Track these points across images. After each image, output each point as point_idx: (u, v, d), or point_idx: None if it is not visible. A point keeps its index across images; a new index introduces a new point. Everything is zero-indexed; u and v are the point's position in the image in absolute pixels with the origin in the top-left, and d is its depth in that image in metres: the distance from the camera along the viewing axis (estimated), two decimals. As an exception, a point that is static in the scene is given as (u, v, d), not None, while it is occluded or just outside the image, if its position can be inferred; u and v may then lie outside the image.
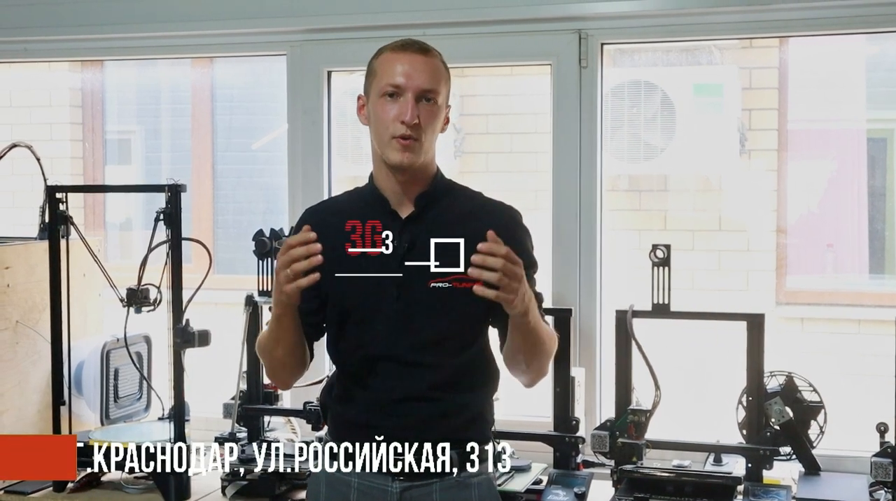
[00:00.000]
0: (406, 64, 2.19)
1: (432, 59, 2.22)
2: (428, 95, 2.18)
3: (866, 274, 4.42)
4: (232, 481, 2.99)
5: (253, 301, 3.17)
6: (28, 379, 3.16)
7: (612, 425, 2.89)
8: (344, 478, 2.27)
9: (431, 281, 2.19)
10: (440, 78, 2.22)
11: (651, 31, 3.29)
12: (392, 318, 2.21)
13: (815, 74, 4.30)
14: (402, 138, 2.17)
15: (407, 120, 2.15)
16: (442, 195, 2.28)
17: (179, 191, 2.97)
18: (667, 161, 4.27)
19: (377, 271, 2.21)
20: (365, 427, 2.24)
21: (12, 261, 3.10)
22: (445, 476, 2.24)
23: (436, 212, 2.25)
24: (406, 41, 2.24)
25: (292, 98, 3.53)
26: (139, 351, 3.32)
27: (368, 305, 2.22)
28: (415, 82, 2.17)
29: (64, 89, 4.64)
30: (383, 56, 2.24)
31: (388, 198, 2.25)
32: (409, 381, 2.21)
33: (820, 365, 3.47)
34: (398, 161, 2.18)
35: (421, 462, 2.22)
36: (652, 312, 2.93)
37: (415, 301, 2.20)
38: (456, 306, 2.20)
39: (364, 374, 2.25)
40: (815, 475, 2.88)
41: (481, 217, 2.24)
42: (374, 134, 2.24)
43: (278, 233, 3.18)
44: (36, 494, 3.04)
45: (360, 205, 2.29)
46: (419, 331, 2.20)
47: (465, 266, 2.10)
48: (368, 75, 2.27)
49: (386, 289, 2.21)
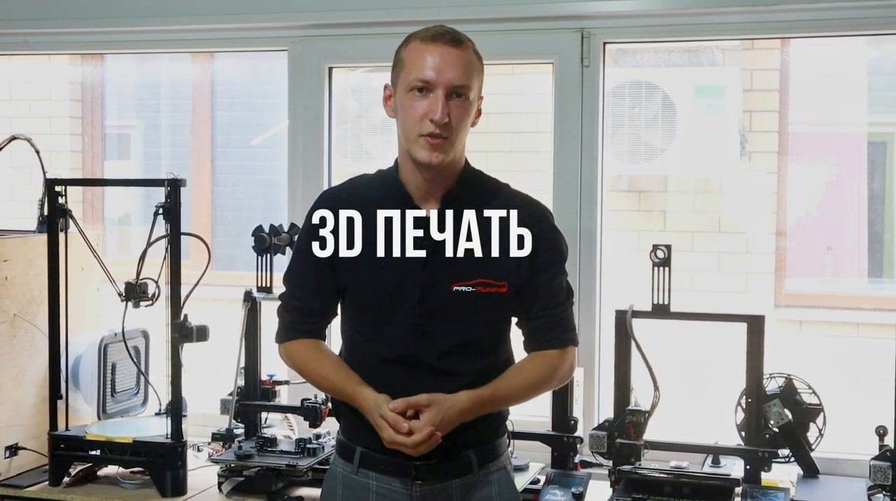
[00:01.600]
0: (437, 56, 2.08)
1: (464, 51, 2.11)
2: (459, 91, 2.09)
3: (865, 277, 4.41)
4: (229, 477, 2.98)
5: (251, 297, 3.16)
6: (25, 373, 3.15)
7: (610, 425, 2.89)
8: (362, 480, 2.22)
9: (455, 284, 2.14)
10: (472, 72, 2.12)
11: (653, 30, 3.29)
12: (412, 322, 2.15)
13: (816, 77, 4.29)
14: (430, 137, 2.08)
15: (437, 119, 2.07)
16: (468, 192, 2.19)
17: (179, 185, 2.96)
18: (667, 162, 4.26)
19: (399, 271, 2.15)
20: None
21: (10, 254, 3.09)
22: (466, 474, 2.20)
23: (461, 212, 2.17)
24: (437, 31, 2.13)
25: (293, 94, 3.53)
26: (137, 346, 3.31)
27: (387, 306, 2.16)
28: (445, 77, 2.07)
29: (64, 83, 4.63)
30: (412, 45, 2.13)
31: (412, 194, 2.17)
32: (426, 387, 2.13)
33: (818, 368, 3.46)
34: (426, 160, 2.10)
35: (441, 464, 2.18)
36: (652, 313, 2.92)
37: (437, 304, 2.14)
38: (479, 310, 2.15)
39: (380, 377, 2.17)
40: (814, 478, 2.88)
41: (507, 219, 2.19)
42: (400, 128, 2.15)
43: (277, 228, 3.18)
44: (32, 487, 3.03)
45: (383, 197, 2.20)
46: (440, 336, 2.14)
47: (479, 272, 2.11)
48: (396, 65, 2.16)
49: (407, 291, 2.15)
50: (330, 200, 2.26)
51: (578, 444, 2.99)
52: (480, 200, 2.20)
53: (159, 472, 2.96)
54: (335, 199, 2.26)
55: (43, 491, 3.03)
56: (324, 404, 3.08)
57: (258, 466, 2.94)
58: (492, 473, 2.24)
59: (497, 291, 2.15)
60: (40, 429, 3.13)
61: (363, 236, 2.17)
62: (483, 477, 2.22)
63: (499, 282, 2.15)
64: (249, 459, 2.95)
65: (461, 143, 2.15)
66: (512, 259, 2.17)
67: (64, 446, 3.06)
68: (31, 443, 3.15)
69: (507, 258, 2.17)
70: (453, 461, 2.20)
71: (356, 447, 2.23)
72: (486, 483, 2.23)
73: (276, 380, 3.23)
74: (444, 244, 2.15)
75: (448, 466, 2.19)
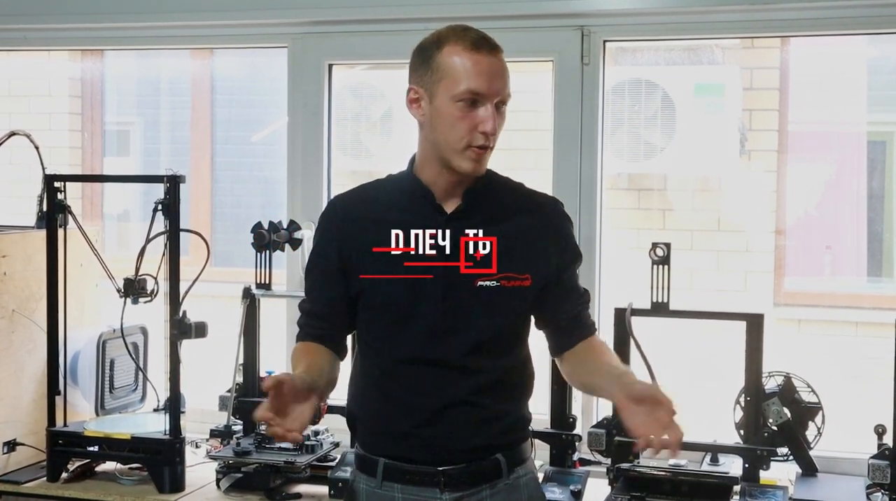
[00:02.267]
0: (485, 67, 2.04)
1: (502, 57, 2.09)
2: (503, 100, 2.08)
3: (864, 276, 4.41)
4: (227, 473, 2.98)
5: (250, 293, 3.16)
6: (24, 369, 3.15)
7: (608, 423, 2.89)
8: (386, 494, 2.15)
9: (479, 279, 2.11)
10: (508, 79, 2.10)
11: (654, 28, 3.28)
12: (434, 319, 2.10)
13: (816, 76, 4.29)
14: (479, 148, 2.06)
15: (489, 130, 2.04)
16: (488, 190, 2.17)
17: (178, 181, 2.96)
18: (667, 160, 4.26)
19: (419, 268, 2.11)
20: (406, 437, 2.13)
21: (9, 250, 3.09)
22: (495, 479, 2.15)
23: (482, 207, 2.15)
24: (475, 36, 2.08)
25: (293, 91, 3.52)
26: (135, 342, 3.31)
27: (409, 304, 2.11)
28: (495, 88, 2.05)
29: (63, 79, 4.63)
30: (453, 51, 2.07)
31: (434, 193, 2.14)
32: (450, 387, 2.10)
33: (817, 366, 3.46)
34: (471, 170, 2.07)
35: (470, 468, 2.13)
36: (651, 311, 2.92)
37: (460, 301, 2.10)
38: (503, 306, 2.12)
39: (401, 377, 2.14)
40: (812, 476, 2.88)
41: (527, 212, 2.19)
42: (441, 136, 2.08)
43: (277, 225, 3.18)
44: (30, 484, 3.03)
45: (400, 195, 2.17)
46: (463, 333, 2.10)
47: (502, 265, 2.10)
48: (430, 69, 2.09)
49: (429, 288, 2.10)
50: (341, 204, 2.23)
51: (577, 442, 2.99)
52: (500, 196, 2.19)
53: (157, 468, 2.96)
54: (347, 202, 2.23)
55: (41, 487, 3.03)
56: (322, 401, 3.07)
57: (256, 463, 2.94)
58: (521, 478, 2.19)
59: (521, 285, 2.13)
60: (38, 425, 3.13)
61: (379, 236, 2.13)
62: (512, 482, 2.17)
63: (522, 276, 2.13)
64: (248, 456, 2.95)
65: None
66: (534, 252, 2.16)
67: (62, 442, 3.05)
68: (30, 439, 3.15)
69: (529, 251, 2.15)
70: (482, 465, 2.15)
71: (378, 459, 2.16)
72: (514, 488, 2.18)
73: (274, 377, 3.22)
74: (466, 240, 2.13)
75: (477, 471, 2.14)
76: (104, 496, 2.96)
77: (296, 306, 2.15)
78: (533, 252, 2.16)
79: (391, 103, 4.14)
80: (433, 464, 2.12)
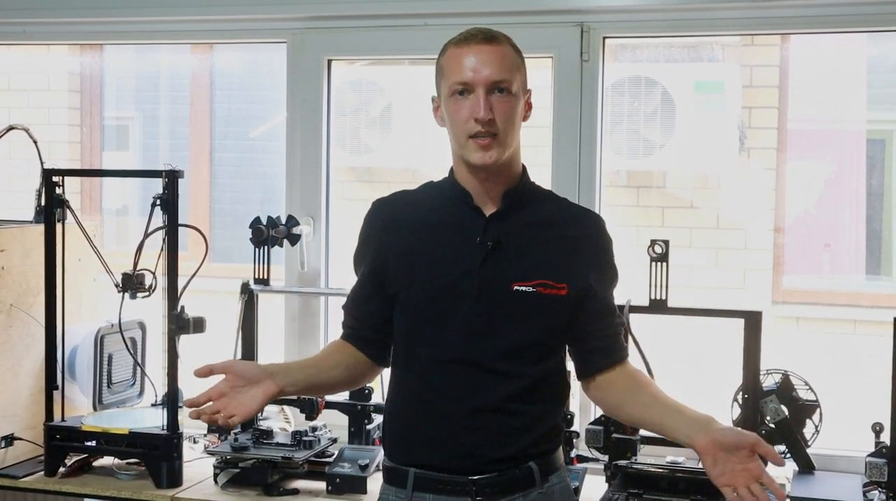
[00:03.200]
0: (472, 56, 2.06)
1: (499, 46, 2.09)
2: (500, 86, 2.06)
3: (863, 274, 4.41)
4: (224, 469, 2.98)
5: (248, 288, 3.16)
6: (21, 363, 3.14)
7: (606, 420, 2.89)
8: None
9: (515, 283, 2.10)
10: (510, 65, 2.09)
11: (654, 25, 3.28)
12: (470, 321, 2.09)
13: (815, 74, 4.29)
14: (478, 137, 2.06)
15: (481, 117, 2.04)
16: (529, 196, 2.18)
17: (177, 176, 2.95)
18: (666, 157, 4.26)
19: (457, 269, 2.11)
20: (438, 444, 2.11)
21: (7, 244, 3.09)
22: (528, 488, 2.13)
23: (522, 212, 2.15)
24: (469, 32, 2.11)
25: (292, 86, 3.52)
26: (133, 337, 3.31)
27: (445, 304, 2.10)
28: (483, 75, 2.05)
29: (62, 73, 4.62)
30: (449, 52, 2.11)
31: (472, 195, 2.14)
32: (484, 391, 2.09)
33: (814, 364, 3.47)
34: (480, 161, 2.07)
35: (502, 476, 2.10)
36: (649, 307, 2.92)
37: (495, 304, 2.09)
38: (538, 312, 2.11)
39: (434, 379, 2.12)
40: (810, 474, 2.88)
41: (568, 223, 2.18)
42: (451, 135, 2.12)
43: (275, 221, 3.18)
44: (27, 478, 3.03)
45: (440, 199, 2.18)
46: (499, 337, 2.09)
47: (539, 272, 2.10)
48: (438, 75, 2.14)
49: (465, 289, 2.09)
50: (381, 207, 2.24)
51: (574, 439, 2.99)
52: (540, 204, 2.19)
53: (155, 463, 2.96)
54: (387, 205, 2.24)
55: (38, 482, 3.02)
56: (320, 397, 3.07)
57: (254, 458, 2.94)
58: (554, 486, 2.17)
59: (557, 293, 2.11)
60: (36, 420, 3.13)
61: (417, 236, 2.14)
62: (546, 491, 2.15)
63: (559, 285, 2.10)
64: (245, 451, 2.95)
65: (513, 140, 2.12)
66: (572, 263, 2.14)
67: (60, 436, 3.05)
68: (27, 434, 3.15)
69: (567, 261, 2.14)
70: (515, 473, 2.12)
71: (408, 469, 2.13)
72: (548, 496, 2.15)
73: (272, 373, 3.22)
74: (504, 243, 2.11)
75: (510, 480, 2.12)
76: (102, 490, 2.96)
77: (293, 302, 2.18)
78: (571, 263, 2.14)
79: (390, 99, 4.14)
80: (465, 473, 2.10)
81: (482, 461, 2.10)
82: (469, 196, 2.14)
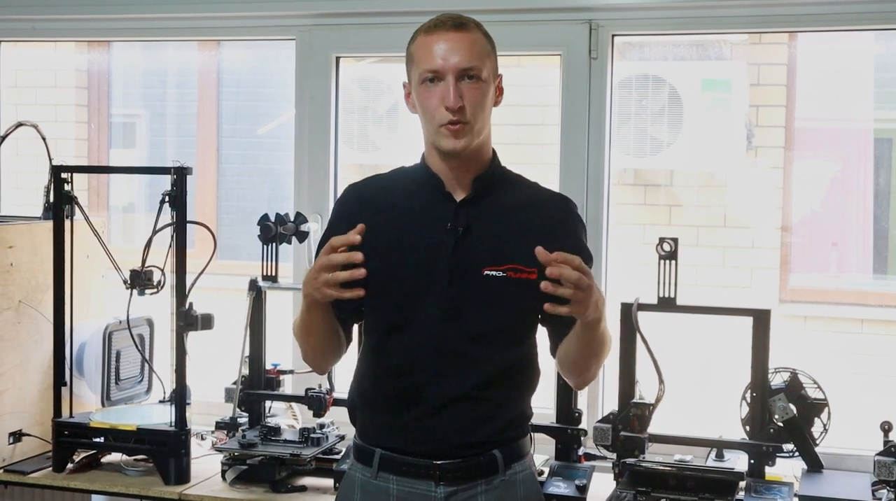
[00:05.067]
0: (441, 43, 2.08)
1: (468, 32, 2.11)
2: (470, 73, 2.08)
3: (870, 273, 4.41)
4: (232, 465, 2.98)
5: (256, 285, 3.16)
6: (30, 360, 3.15)
7: (614, 418, 2.88)
8: (381, 485, 2.17)
9: (485, 268, 2.12)
10: (480, 51, 2.11)
11: (662, 23, 3.28)
12: (441, 306, 2.11)
13: (823, 72, 4.28)
14: (450, 124, 2.08)
15: (450, 104, 2.06)
16: (499, 181, 2.19)
17: (185, 173, 2.95)
18: (673, 156, 4.26)
19: (429, 254, 2.13)
20: (404, 428, 2.15)
21: (16, 241, 3.09)
22: (491, 476, 2.16)
23: (492, 197, 2.17)
24: (438, 19, 2.13)
25: (300, 83, 3.52)
26: (141, 334, 3.31)
27: (417, 290, 2.12)
28: (451, 63, 2.07)
29: (70, 70, 4.62)
30: (418, 39, 2.13)
31: (444, 181, 2.16)
32: (453, 377, 2.11)
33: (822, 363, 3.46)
34: (451, 148, 2.10)
35: (466, 463, 2.14)
36: (658, 306, 2.92)
37: (467, 289, 2.11)
38: (510, 297, 2.12)
39: (404, 364, 2.14)
40: (818, 472, 2.88)
41: (538, 206, 2.20)
42: (423, 122, 2.15)
43: (283, 217, 3.18)
44: (35, 474, 3.04)
45: (411, 184, 2.20)
46: (470, 322, 2.11)
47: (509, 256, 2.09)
48: (408, 62, 2.17)
49: (437, 274, 2.12)
50: (355, 191, 2.26)
51: (582, 437, 2.99)
52: (512, 189, 2.21)
53: (163, 460, 2.96)
54: (361, 190, 2.26)
55: (46, 478, 3.03)
56: (328, 394, 3.08)
57: (262, 455, 2.94)
58: (517, 474, 2.20)
59: (528, 277, 2.11)
60: (44, 416, 3.14)
61: (389, 221, 2.16)
62: (509, 478, 2.18)
63: (529, 269, 2.11)
64: (253, 448, 2.95)
65: (484, 126, 2.14)
66: (543, 246, 2.11)
67: (68, 433, 3.06)
68: (35, 430, 3.16)
69: (537, 245, 2.12)
70: (478, 460, 2.15)
71: (375, 449, 2.18)
72: (511, 484, 2.18)
73: (280, 370, 3.23)
74: (474, 229, 2.14)
75: (473, 466, 2.15)
76: (109, 487, 2.97)
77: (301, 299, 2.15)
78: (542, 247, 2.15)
79: (398, 97, 4.13)
80: (429, 457, 2.13)
81: (447, 446, 2.14)
82: (440, 182, 2.16)
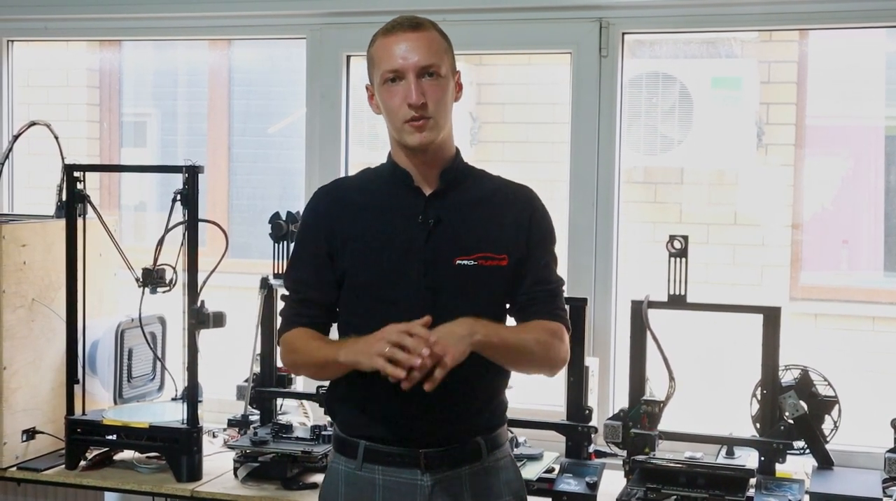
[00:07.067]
0: (400, 44, 2.16)
1: (425, 31, 2.19)
2: (429, 70, 2.16)
3: (881, 271, 4.39)
4: (244, 463, 2.99)
5: (268, 283, 3.17)
6: (42, 357, 3.16)
7: (625, 415, 2.89)
8: (366, 476, 2.20)
9: (457, 258, 2.18)
10: (437, 49, 2.19)
11: (672, 21, 3.28)
12: (417, 298, 2.16)
13: (834, 70, 4.27)
14: (413, 120, 2.15)
15: (413, 101, 2.13)
16: (464, 175, 2.28)
17: (197, 172, 2.97)
18: (683, 154, 4.25)
19: (401, 248, 2.19)
20: (387, 419, 2.18)
21: (29, 239, 3.11)
22: (476, 461, 2.22)
23: (459, 190, 2.24)
24: (395, 21, 2.21)
25: (311, 82, 3.53)
26: (153, 332, 3.33)
27: (391, 283, 2.18)
28: (411, 61, 2.15)
29: (81, 70, 4.64)
30: (377, 42, 2.21)
31: (412, 176, 2.23)
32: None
33: (833, 360, 3.46)
34: (416, 143, 2.17)
35: (451, 450, 2.19)
36: (668, 303, 2.92)
37: (440, 280, 2.17)
38: (481, 285, 2.19)
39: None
40: (829, 469, 2.88)
41: (503, 198, 2.27)
42: (387, 121, 2.22)
43: (295, 215, 3.19)
44: (48, 471, 3.05)
45: (380, 182, 2.27)
46: (445, 312, 2.12)
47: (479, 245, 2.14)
48: (369, 65, 2.24)
49: (410, 266, 2.18)
50: (325, 193, 2.32)
51: (593, 434, 2.99)
52: (477, 182, 2.29)
53: (175, 457, 2.98)
54: (329, 192, 2.32)
55: (59, 475, 3.05)
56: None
57: (273, 452, 2.96)
58: (499, 460, 2.27)
59: (498, 264, 2.20)
60: (57, 414, 3.15)
61: (362, 218, 2.22)
62: (492, 464, 2.25)
63: (499, 256, 2.20)
64: (265, 445, 2.96)
65: (446, 121, 2.21)
66: (510, 232, 2.23)
67: (80, 430, 3.07)
68: (48, 427, 3.17)
69: (505, 233, 2.23)
70: (463, 447, 2.21)
71: (358, 441, 2.21)
72: (494, 469, 2.25)
73: (291, 367, 3.24)
74: (444, 221, 2.20)
75: (458, 453, 2.21)
76: (122, 484, 2.99)
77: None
78: (509, 234, 2.23)
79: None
80: (415, 446, 2.18)
81: (431, 435, 2.18)
82: (409, 176, 2.23)
